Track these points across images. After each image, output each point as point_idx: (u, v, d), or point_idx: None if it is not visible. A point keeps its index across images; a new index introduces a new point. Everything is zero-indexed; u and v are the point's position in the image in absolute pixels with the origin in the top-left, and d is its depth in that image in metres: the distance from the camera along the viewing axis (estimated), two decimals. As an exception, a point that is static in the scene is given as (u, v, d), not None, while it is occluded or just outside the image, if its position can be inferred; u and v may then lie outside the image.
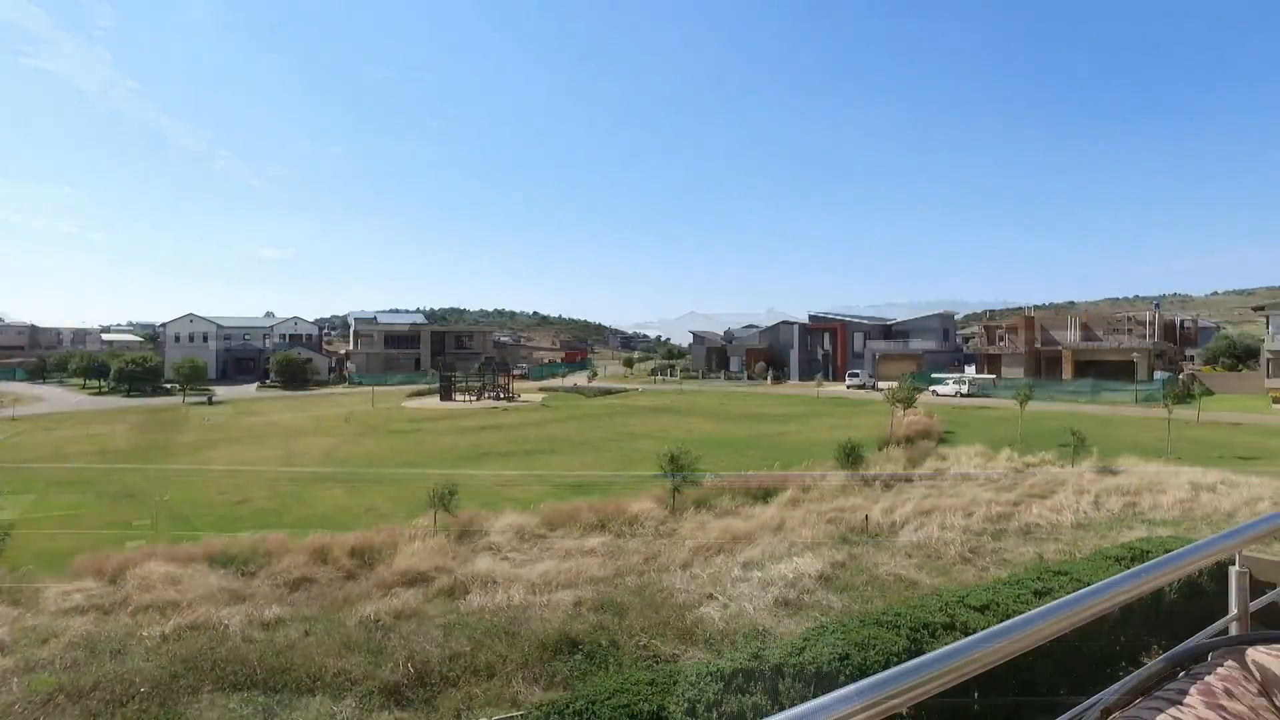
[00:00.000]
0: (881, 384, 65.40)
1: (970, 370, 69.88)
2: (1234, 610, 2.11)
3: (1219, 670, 1.39)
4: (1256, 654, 1.44)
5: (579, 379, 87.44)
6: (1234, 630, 2.05)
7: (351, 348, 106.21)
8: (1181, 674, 1.42)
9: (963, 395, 59.34)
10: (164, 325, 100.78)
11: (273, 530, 17.73)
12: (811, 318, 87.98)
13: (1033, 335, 71.55)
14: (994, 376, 66.89)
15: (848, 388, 70.06)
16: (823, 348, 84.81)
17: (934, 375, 66.13)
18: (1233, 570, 2.14)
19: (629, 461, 29.91)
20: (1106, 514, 19.38)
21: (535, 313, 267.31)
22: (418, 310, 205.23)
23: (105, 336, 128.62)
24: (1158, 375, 60.45)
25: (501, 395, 65.39)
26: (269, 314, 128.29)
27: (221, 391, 73.12)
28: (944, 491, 21.95)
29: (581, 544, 17.02)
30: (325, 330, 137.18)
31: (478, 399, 64.81)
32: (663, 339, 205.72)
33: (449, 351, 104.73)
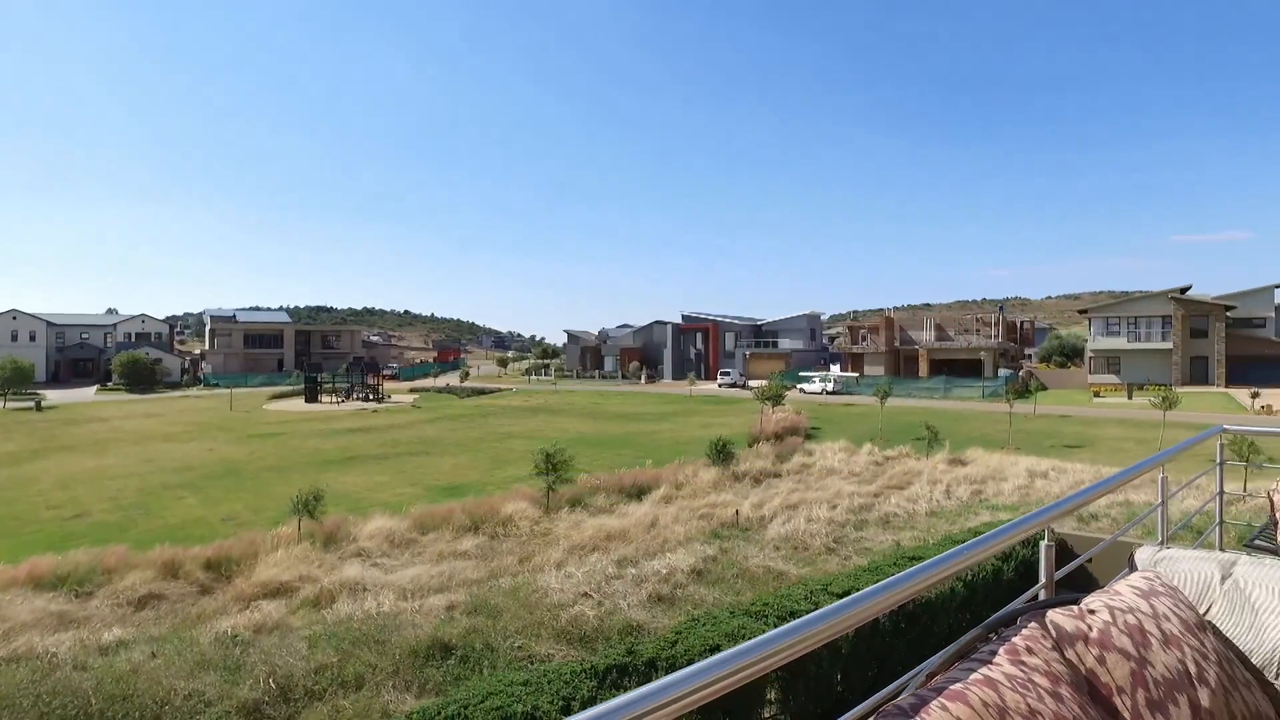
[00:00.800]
0: (752, 382, 67.61)
1: (835, 368, 73.16)
2: (1043, 579, 2.34)
3: (1023, 631, 1.56)
4: (1054, 615, 1.64)
5: (451, 379, 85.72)
6: (1042, 596, 2.27)
7: (207, 347, 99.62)
8: (994, 638, 1.58)
9: (828, 393, 62.05)
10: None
11: (115, 546, 16.41)
12: (684, 318, 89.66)
13: (892, 335, 75.73)
14: (857, 374, 70.35)
15: (719, 386, 71.91)
16: (695, 347, 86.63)
17: (801, 374, 68.85)
18: (1042, 544, 2.37)
19: (503, 462, 29.58)
20: (956, 502, 20.74)
21: (406, 311, 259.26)
22: (281, 308, 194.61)
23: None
24: (1001, 372, 65.32)
25: (371, 396, 63.38)
26: (111, 310, 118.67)
27: (53, 395, 66.94)
28: (810, 485, 22.91)
29: (454, 546, 16.72)
30: (178, 328, 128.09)
31: (345, 400, 62.47)
32: (537, 338, 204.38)
33: (315, 351, 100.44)
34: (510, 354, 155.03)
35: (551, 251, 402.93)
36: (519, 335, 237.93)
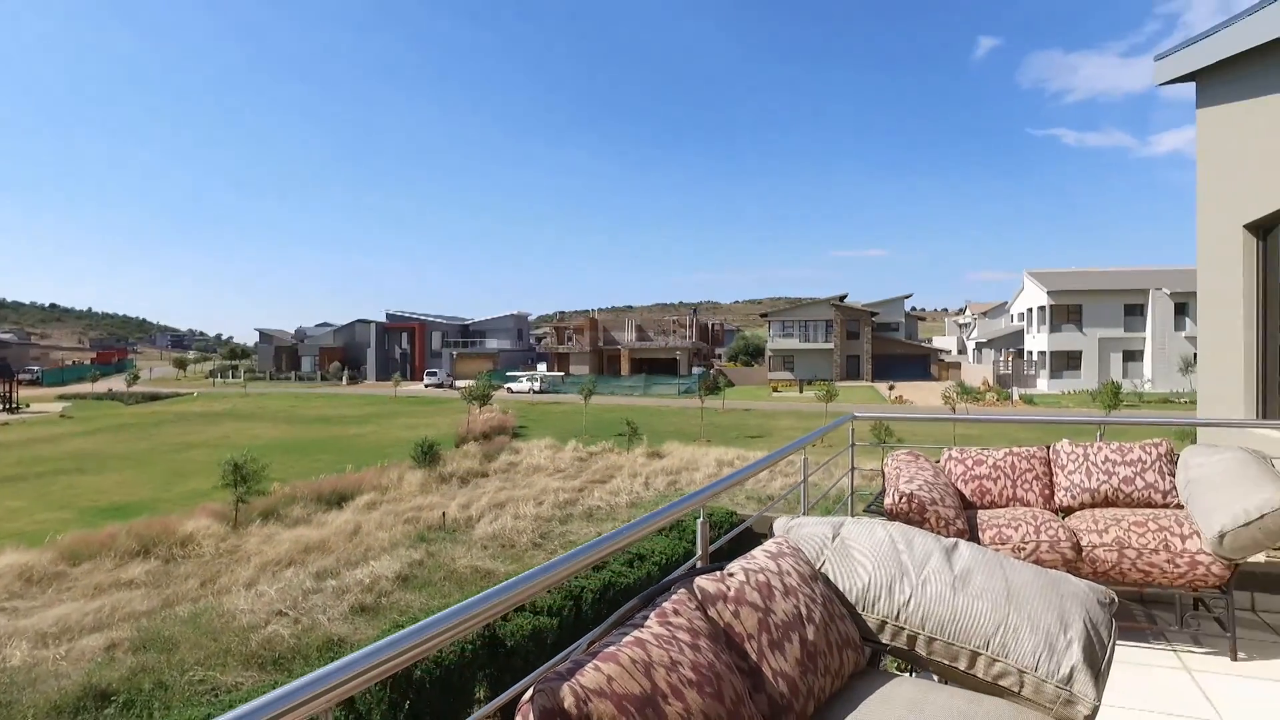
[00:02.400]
0: (459, 382, 66.87)
1: (542, 368, 74.76)
2: (699, 551, 2.71)
3: (674, 597, 1.84)
4: (701, 581, 1.95)
5: (116, 383, 74.59)
6: (698, 567, 2.63)
7: None
8: (649, 606, 1.83)
9: (535, 392, 63.26)
10: None
11: None
12: (389, 317, 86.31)
13: (596, 336, 79.05)
14: (563, 374, 72.52)
15: (426, 386, 70.25)
16: (401, 347, 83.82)
17: (509, 373, 69.50)
18: (698, 522, 2.74)
19: (182, 475, 26.42)
20: (655, 492, 22.30)
21: (53, 305, 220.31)
22: None
23: None
24: (695, 370, 71.10)
25: (1, 406, 53.17)
26: None
27: None
28: (517, 483, 23.29)
29: (117, 576, 14.67)
30: None
31: (-37, 412, 51.72)
32: (224, 337, 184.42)
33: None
34: (191, 355, 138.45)
35: (240, 249, 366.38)
36: (202, 334, 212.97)
